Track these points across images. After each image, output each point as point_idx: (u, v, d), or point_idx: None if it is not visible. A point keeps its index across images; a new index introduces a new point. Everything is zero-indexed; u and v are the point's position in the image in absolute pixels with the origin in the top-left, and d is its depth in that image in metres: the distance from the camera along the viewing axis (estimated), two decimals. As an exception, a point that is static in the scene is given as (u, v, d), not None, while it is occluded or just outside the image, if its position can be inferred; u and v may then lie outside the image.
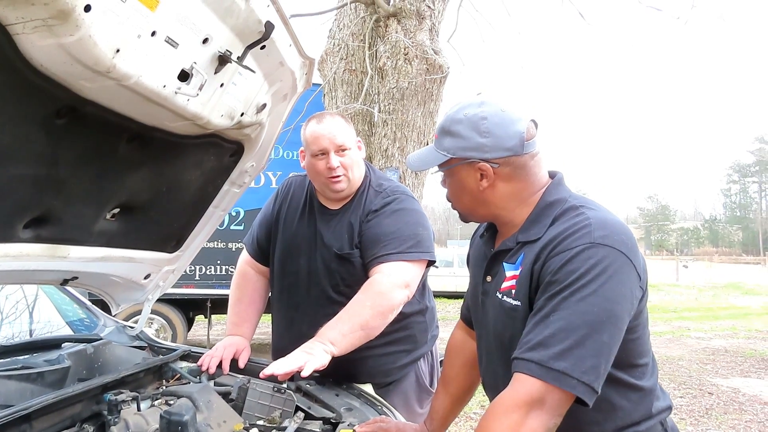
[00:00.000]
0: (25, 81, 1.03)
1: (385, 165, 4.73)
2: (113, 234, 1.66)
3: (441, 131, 1.29)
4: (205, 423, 1.49)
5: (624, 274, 1.11)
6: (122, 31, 1.03)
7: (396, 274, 1.83)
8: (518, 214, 1.28)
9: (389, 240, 1.88)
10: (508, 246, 1.28)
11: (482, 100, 1.26)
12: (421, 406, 2.11)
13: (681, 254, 50.09)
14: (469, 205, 1.32)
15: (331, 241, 1.98)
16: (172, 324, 6.86)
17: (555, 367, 1.05)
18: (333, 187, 1.95)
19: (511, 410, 1.06)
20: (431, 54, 4.77)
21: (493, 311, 1.30)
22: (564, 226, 1.18)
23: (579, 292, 1.08)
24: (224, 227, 6.58)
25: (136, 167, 1.51)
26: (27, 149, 1.19)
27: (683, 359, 7.68)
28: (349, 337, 1.71)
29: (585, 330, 1.06)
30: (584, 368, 1.04)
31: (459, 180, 1.29)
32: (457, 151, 1.25)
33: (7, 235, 1.35)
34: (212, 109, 1.41)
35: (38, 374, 1.58)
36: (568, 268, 1.11)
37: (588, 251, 1.11)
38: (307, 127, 1.98)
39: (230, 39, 1.30)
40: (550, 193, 1.27)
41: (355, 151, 1.99)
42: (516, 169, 1.24)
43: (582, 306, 1.07)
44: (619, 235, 1.15)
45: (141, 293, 2.10)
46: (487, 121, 1.22)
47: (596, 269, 1.09)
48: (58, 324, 2.24)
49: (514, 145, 1.21)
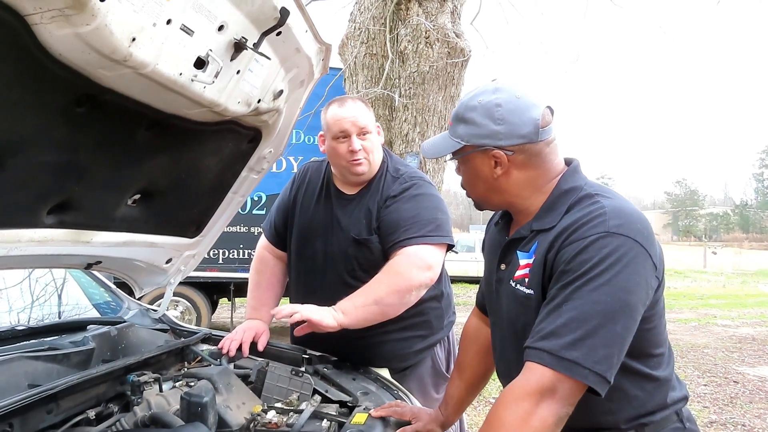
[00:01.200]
0: (45, 70, 1.04)
1: (405, 150, 4.72)
2: (135, 219, 1.70)
3: (455, 118, 1.28)
4: (225, 404, 1.53)
5: (639, 264, 1.10)
6: (138, 19, 1.03)
7: (416, 255, 1.84)
8: (533, 202, 1.27)
9: (409, 225, 1.88)
10: (522, 234, 1.27)
11: (497, 86, 1.25)
12: (437, 391, 2.13)
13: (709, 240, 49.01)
14: (484, 193, 1.32)
15: (349, 226, 1.99)
16: (197, 307, 7.00)
17: (567, 356, 1.04)
18: (354, 169, 1.96)
19: (522, 399, 1.06)
20: (453, 37, 4.71)
21: (506, 299, 1.30)
22: (579, 215, 1.16)
23: (592, 282, 1.07)
24: (246, 212, 6.65)
25: (155, 154, 1.53)
26: (49, 137, 1.21)
27: (709, 347, 7.55)
28: (361, 309, 1.74)
29: (598, 320, 1.05)
30: (596, 358, 1.04)
31: (473, 167, 1.28)
32: (471, 138, 1.24)
33: (32, 221, 1.39)
34: (229, 95, 1.41)
35: (64, 355, 1.63)
36: (581, 257, 1.10)
37: (602, 240, 1.10)
38: (328, 110, 1.99)
39: (246, 26, 1.30)
40: (565, 181, 1.25)
41: (376, 136, 2.00)
42: (531, 156, 1.23)
43: (595, 295, 1.07)
44: (635, 224, 1.13)
45: (163, 277, 2.14)
46: (501, 108, 1.21)
47: (610, 259, 1.08)
48: (85, 306, 2.30)
49: (529, 132, 1.20)
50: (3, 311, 1.99)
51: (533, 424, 1.04)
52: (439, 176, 4.89)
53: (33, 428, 1.29)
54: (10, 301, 2.05)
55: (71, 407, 1.41)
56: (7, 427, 1.21)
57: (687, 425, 1.25)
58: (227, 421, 1.48)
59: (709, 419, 4.66)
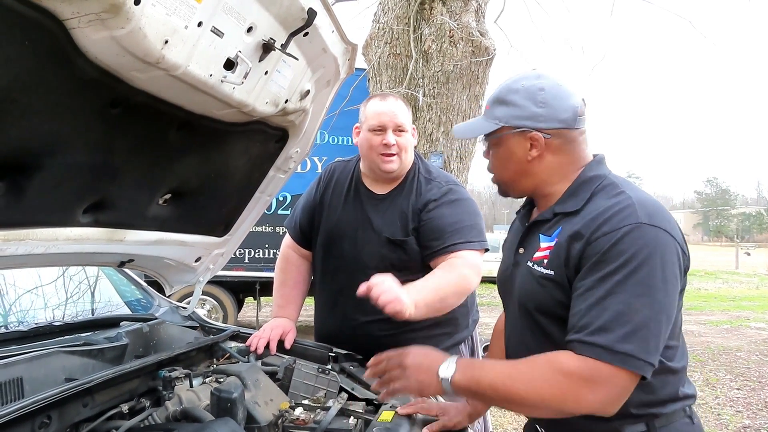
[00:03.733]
0: (82, 73, 1.08)
1: (429, 150, 4.71)
2: (165, 219, 1.73)
3: (494, 101, 1.31)
4: (253, 400, 1.55)
5: (672, 254, 1.13)
6: (170, 22, 1.06)
7: (471, 259, 1.91)
8: (558, 189, 1.29)
9: (455, 229, 1.94)
10: (545, 217, 1.29)
11: (539, 73, 1.29)
12: None
13: (742, 241, 47.71)
14: (513, 176, 1.34)
15: (382, 227, 2.01)
16: (224, 305, 7.11)
17: (621, 350, 1.07)
18: (384, 165, 1.99)
19: (563, 375, 1.10)
20: (477, 36, 4.69)
21: (520, 279, 1.32)
22: (606, 204, 1.18)
23: (634, 274, 1.09)
24: (271, 212, 6.72)
25: (186, 154, 1.56)
26: (85, 138, 1.25)
27: (741, 350, 7.35)
28: (426, 309, 1.70)
29: (645, 312, 1.08)
30: (648, 349, 1.08)
31: (507, 149, 1.30)
32: (510, 119, 1.27)
33: (69, 220, 1.43)
34: (257, 96, 1.44)
35: (99, 350, 1.67)
36: (618, 248, 1.11)
37: (636, 232, 1.12)
38: (368, 103, 2.05)
39: (274, 27, 1.32)
40: (590, 169, 1.28)
41: (410, 136, 2.04)
42: (566, 142, 1.26)
43: (639, 288, 1.09)
44: (662, 214, 1.16)
45: (192, 275, 2.18)
46: (544, 92, 1.24)
47: (646, 250, 1.10)
48: (117, 304, 2.36)
49: (568, 118, 1.24)
50: (40, 308, 2.05)
51: (583, 405, 1.09)
52: (464, 176, 4.87)
53: (69, 421, 1.33)
54: (46, 298, 2.11)
55: (106, 401, 1.44)
56: (45, 419, 1.25)
57: (695, 421, 1.26)
58: (256, 417, 1.50)
59: (743, 424, 4.54)
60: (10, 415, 1.11)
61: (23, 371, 1.41)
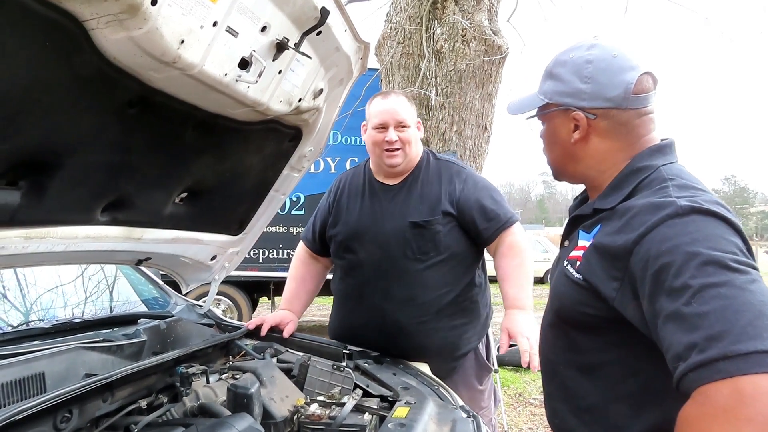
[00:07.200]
0: (101, 73, 1.10)
1: (442, 149, 4.70)
2: (182, 217, 1.76)
3: (545, 74, 1.19)
4: (269, 397, 1.57)
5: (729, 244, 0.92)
6: (186, 22, 1.08)
7: (522, 236, 2.08)
8: (607, 179, 1.13)
9: (497, 207, 2.06)
10: (585, 212, 1.16)
11: (594, 42, 1.13)
12: (481, 382, 2.16)
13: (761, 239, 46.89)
14: (559, 159, 1.21)
15: (404, 212, 2.05)
16: (238, 305, 7.16)
17: (746, 350, 0.79)
18: (388, 160, 2.06)
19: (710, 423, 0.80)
20: (490, 35, 4.67)
21: (557, 277, 1.20)
22: (645, 205, 0.99)
23: (710, 288, 0.85)
24: (285, 212, 6.76)
25: (201, 153, 1.58)
26: (103, 138, 1.27)
27: (761, 350, 7.23)
28: (530, 301, 2.00)
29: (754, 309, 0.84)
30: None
31: (552, 129, 1.18)
32: (554, 95, 1.14)
33: (88, 219, 1.46)
34: (271, 95, 1.45)
35: (118, 347, 1.70)
36: (671, 270, 0.89)
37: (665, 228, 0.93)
38: (372, 101, 2.13)
39: (287, 26, 1.33)
40: (641, 158, 1.10)
41: (414, 130, 2.10)
42: (616, 124, 1.10)
43: (724, 290, 0.86)
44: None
45: (208, 273, 2.21)
46: (591, 65, 1.09)
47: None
48: (134, 302, 2.40)
49: (617, 96, 1.08)
50: (60, 306, 2.09)
51: None
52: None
53: (90, 416, 1.35)
54: (66, 297, 2.15)
55: (125, 396, 1.47)
56: (66, 413, 1.27)
57: None
58: (272, 412, 1.51)
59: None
60: (33, 408, 1.13)
61: (45, 366, 1.44)
